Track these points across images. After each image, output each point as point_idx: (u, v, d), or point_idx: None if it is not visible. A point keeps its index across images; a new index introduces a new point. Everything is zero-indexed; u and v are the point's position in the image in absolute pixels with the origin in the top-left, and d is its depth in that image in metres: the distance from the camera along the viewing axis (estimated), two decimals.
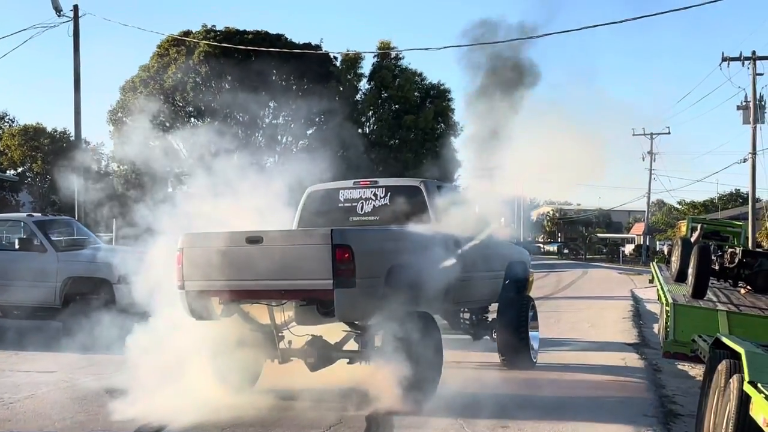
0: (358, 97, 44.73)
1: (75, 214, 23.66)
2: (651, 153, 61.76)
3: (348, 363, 9.03)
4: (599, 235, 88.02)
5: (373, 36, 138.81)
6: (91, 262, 14.25)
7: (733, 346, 5.73)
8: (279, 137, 39.92)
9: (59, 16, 26.41)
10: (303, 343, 8.99)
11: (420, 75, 45.37)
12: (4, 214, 19.29)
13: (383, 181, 10.93)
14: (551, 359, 12.07)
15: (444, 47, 22.74)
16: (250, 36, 39.12)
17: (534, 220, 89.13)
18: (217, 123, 31.72)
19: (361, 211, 10.50)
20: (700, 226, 15.14)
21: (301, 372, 9.08)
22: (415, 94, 44.66)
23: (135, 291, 9.67)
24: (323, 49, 41.33)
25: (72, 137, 30.13)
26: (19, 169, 47.94)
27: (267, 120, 40.68)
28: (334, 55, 43.31)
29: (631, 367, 11.73)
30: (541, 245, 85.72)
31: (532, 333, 11.35)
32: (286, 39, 40.95)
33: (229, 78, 38.68)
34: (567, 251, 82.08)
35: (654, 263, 16.60)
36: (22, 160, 47.20)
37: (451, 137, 43.63)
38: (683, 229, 19.14)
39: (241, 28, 40.61)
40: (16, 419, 8.31)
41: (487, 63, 11.66)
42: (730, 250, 12.32)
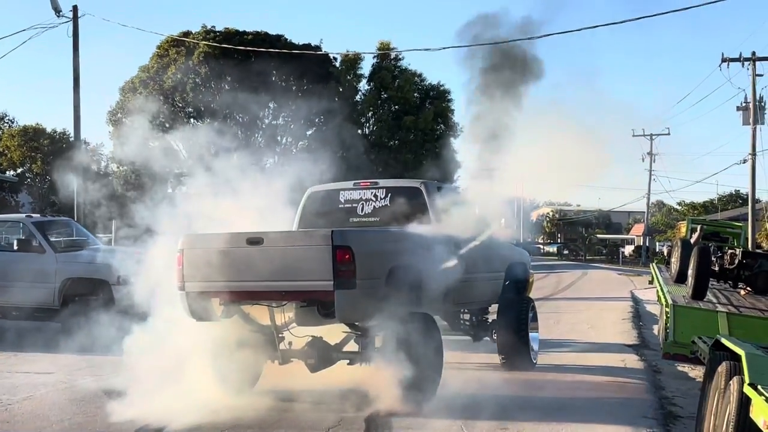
0: (358, 97, 44.66)
1: (74, 214, 23.62)
2: (651, 154, 61.75)
3: (348, 364, 9.03)
4: (599, 236, 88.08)
5: (372, 36, 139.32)
6: (90, 263, 14.24)
7: (733, 347, 5.71)
8: (279, 138, 39.86)
9: (58, 16, 26.38)
10: (303, 344, 8.99)
11: (420, 76, 45.34)
12: (3, 215, 19.28)
13: (384, 182, 10.94)
14: (551, 360, 12.08)
15: (444, 48, 22.63)
16: (250, 36, 39.10)
17: (534, 221, 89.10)
18: (216, 123, 31.65)
19: (362, 212, 10.50)
20: (699, 227, 15.10)
21: (301, 373, 9.07)
22: (414, 94, 44.58)
23: (134, 292, 9.67)
24: (323, 50, 41.33)
25: (71, 138, 30.09)
26: (19, 170, 47.89)
27: (267, 121, 40.64)
28: (334, 56, 43.32)
29: (630, 369, 11.72)
30: (541, 246, 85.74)
31: (532, 334, 11.37)
32: (286, 39, 40.92)
33: (228, 78, 38.64)
34: (567, 252, 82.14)
35: (654, 264, 16.55)
36: (22, 160, 47.14)
37: (451, 138, 43.64)
38: (683, 230, 19.13)
39: (240, 29, 40.60)
40: (14, 420, 8.30)
41: (488, 58, 11.62)
42: (730, 251, 12.31)
